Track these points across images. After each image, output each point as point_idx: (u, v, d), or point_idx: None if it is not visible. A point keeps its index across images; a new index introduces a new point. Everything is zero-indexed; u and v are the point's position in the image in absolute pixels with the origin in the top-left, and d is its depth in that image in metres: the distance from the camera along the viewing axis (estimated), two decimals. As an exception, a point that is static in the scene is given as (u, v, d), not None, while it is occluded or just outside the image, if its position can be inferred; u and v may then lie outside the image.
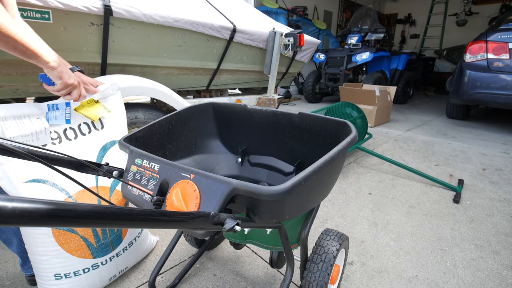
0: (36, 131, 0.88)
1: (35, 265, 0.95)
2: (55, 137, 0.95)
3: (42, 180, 0.89)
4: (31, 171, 0.88)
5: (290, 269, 0.86)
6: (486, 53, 3.44)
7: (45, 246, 0.92)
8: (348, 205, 1.80)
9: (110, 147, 1.08)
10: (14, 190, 0.86)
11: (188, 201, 0.56)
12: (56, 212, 0.31)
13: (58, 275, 0.96)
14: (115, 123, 1.12)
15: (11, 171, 0.85)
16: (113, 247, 1.07)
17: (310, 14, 7.25)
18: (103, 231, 1.04)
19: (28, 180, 0.87)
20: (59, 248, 0.93)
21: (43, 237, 0.91)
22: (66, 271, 0.96)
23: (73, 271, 0.98)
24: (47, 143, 0.92)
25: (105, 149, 1.07)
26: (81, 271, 0.99)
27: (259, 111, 1.00)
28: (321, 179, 0.65)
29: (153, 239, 1.34)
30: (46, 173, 0.90)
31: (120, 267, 1.12)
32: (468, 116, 4.55)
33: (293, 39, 2.31)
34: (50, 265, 0.94)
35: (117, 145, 1.09)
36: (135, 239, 1.17)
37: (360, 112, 2.61)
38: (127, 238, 1.13)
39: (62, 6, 1.22)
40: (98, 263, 1.03)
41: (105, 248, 1.04)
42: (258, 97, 2.54)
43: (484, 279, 1.21)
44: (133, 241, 1.16)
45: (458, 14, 8.60)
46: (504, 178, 2.26)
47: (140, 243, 1.21)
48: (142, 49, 1.62)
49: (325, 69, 5.34)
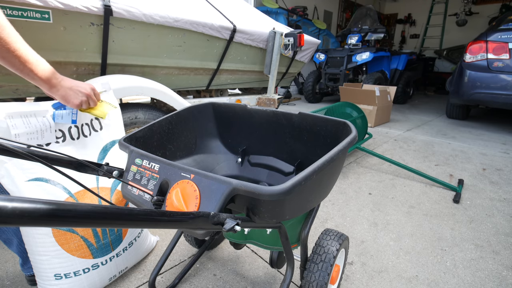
0: (41, 129, 0.89)
1: (35, 265, 0.95)
2: (59, 136, 0.95)
3: (44, 179, 0.89)
4: (33, 170, 0.88)
5: (290, 269, 0.86)
6: (486, 53, 3.44)
7: (45, 246, 0.92)
8: (348, 205, 1.80)
9: (110, 147, 1.08)
10: (16, 188, 0.86)
11: (188, 201, 0.56)
12: (56, 212, 0.31)
13: (58, 275, 0.95)
14: (113, 122, 1.12)
15: (13, 170, 0.85)
16: (113, 247, 1.07)
17: (310, 14, 7.25)
18: (103, 231, 1.04)
19: (30, 179, 0.87)
20: (59, 248, 0.93)
21: (43, 237, 0.91)
22: (66, 271, 0.96)
23: (73, 271, 0.97)
24: (51, 142, 0.92)
25: (105, 150, 1.07)
26: (81, 271, 0.99)
27: (259, 111, 1.00)
28: (321, 179, 0.65)
29: (153, 239, 1.34)
30: (48, 172, 0.90)
31: (120, 267, 1.12)
32: (468, 116, 4.55)
33: (293, 39, 2.31)
34: (50, 265, 0.94)
35: (117, 145, 1.09)
36: (135, 239, 1.17)
37: (360, 112, 2.61)
38: (127, 238, 1.12)
39: (62, 6, 1.22)
40: (98, 263, 1.03)
41: (105, 248, 1.04)
42: (258, 97, 2.54)
43: (484, 279, 1.21)
44: (133, 241, 1.16)
45: (458, 14, 8.60)
46: (504, 178, 2.26)
47: (140, 243, 1.21)
48: (142, 49, 1.62)
49: (325, 69, 5.34)
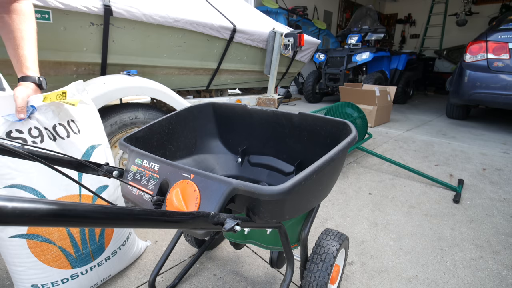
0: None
1: (12, 275, 0.93)
2: (36, 135, 0.86)
3: (20, 185, 0.84)
4: (9, 176, 0.82)
5: (290, 269, 0.86)
6: (486, 53, 3.44)
7: (20, 257, 0.89)
8: (348, 205, 1.80)
9: (92, 151, 1.01)
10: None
11: (188, 201, 0.56)
12: (56, 212, 0.31)
13: (35, 286, 0.93)
14: (91, 127, 1.03)
15: None
16: (94, 257, 1.03)
17: (310, 14, 7.25)
18: (83, 241, 1.00)
19: (5, 186, 0.83)
20: (35, 260, 0.91)
21: (17, 248, 0.88)
22: (43, 281, 0.94)
23: (51, 282, 0.95)
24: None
25: (87, 155, 1.00)
26: (59, 281, 0.96)
27: (259, 111, 1.00)
28: (321, 179, 0.65)
29: (142, 245, 1.29)
30: (26, 179, 0.85)
31: (102, 275, 1.09)
32: (468, 116, 4.55)
33: (293, 39, 2.31)
34: (27, 275, 0.91)
35: (99, 150, 1.03)
36: (119, 247, 1.13)
37: (360, 112, 2.61)
38: (110, 248, 1.08)
39: (62, 6, 1.23)
40: (78, 273, 1.00)
41: (85, 258, 1.01)
42: (258, 97, 2.54)
43: (484, 279, 1.21)
44: (117, 250, 1.12)
45: (458, 14, 8.60)
46: (504, 178, 2.25)
47: (125, 251, 1.16)
48: (142, 49, 1.62)
49: (325, 69, 5.34)
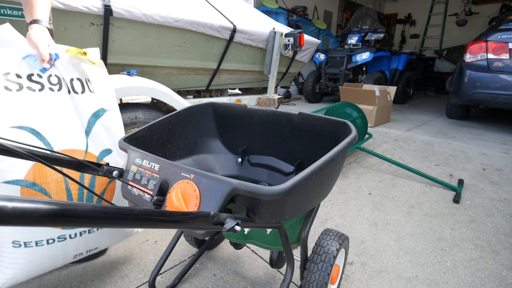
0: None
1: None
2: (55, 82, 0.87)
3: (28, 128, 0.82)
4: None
5: (290, 269, 0.86)
6: (486, 53, 3.44)
7: None
8: (348, 205, 1.80)
9: (102, 114, 1.01)
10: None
11: (188, 201, 0.56)
12: (56, 212, 0.31)
13: (17, 243, 0.84)
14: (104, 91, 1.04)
15: None
16: None
17: (310, 14, 7.25)
18: (80, 200, 0.94)
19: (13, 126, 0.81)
20: None
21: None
22: (27, 239, 0.84)
23: (35, 240, 0.86)
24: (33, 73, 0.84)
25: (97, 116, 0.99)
26: (45, 241, 0.87)
27: (259, 111, 1.00)
28: (321, 179, 0.65)
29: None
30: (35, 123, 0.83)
31: (90, 245, 1.01)
32: (468, 116, 4.55)
33: (293, 39, 2.31)
34: (10, 229, 0.83)
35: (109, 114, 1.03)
36: None
37: (360, 112, 2.61)
38: None
39: (62, 6, 1.23)
40: (66, 236, 0.91)
41: None
42: (258, 97, 2.54)
43: (484, 279, 1.21)
44: None
45: (458, 14, 8.60)
46: (504, 178, 2.25)
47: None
48: (142, 49, 1.62)
49: (325, 69, 5.34)
